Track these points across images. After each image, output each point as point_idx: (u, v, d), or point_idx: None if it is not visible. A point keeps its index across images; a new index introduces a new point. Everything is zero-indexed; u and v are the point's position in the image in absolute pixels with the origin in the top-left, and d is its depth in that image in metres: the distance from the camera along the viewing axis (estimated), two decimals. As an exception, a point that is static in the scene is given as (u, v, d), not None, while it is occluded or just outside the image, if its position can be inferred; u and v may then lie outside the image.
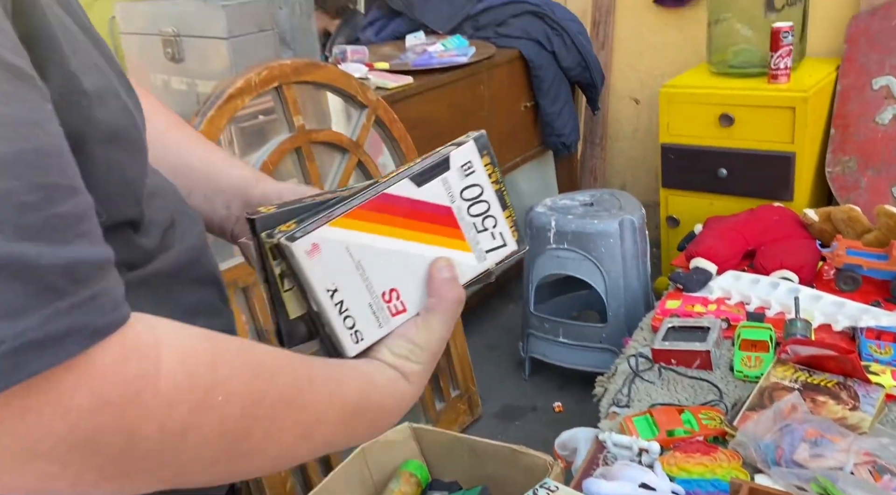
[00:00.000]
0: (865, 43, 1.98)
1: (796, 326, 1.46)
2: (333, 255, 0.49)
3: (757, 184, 2.04)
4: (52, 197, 0.32)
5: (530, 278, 2.03)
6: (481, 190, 0.53)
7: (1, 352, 0.30)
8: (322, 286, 0.49)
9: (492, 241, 0.54)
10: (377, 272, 0.51)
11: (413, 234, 0.52)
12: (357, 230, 0.50)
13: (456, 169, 0.52)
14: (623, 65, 2.69)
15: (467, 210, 0.53)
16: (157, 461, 0.36)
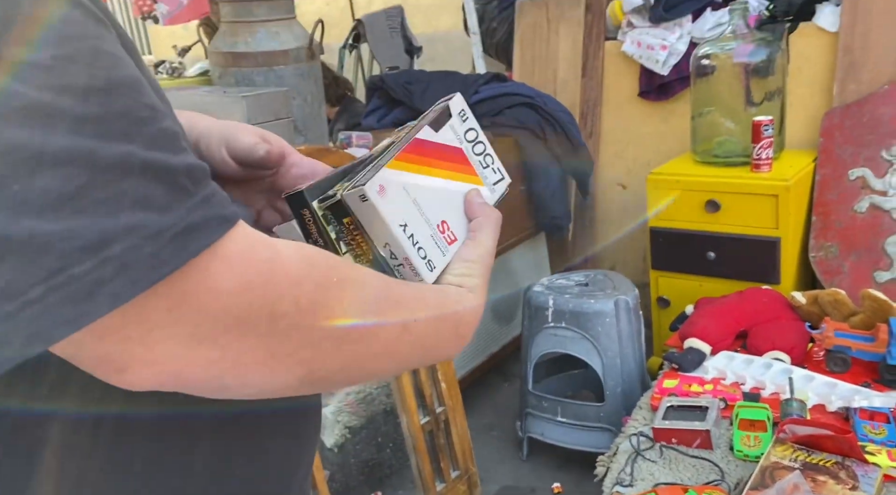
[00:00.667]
0: (840, 136, 2.12)
1: (792, 406, 1.50)
2: (396, 195, 0.54)
3: (745, 267, 2.11)
4: (156, 115, 0.37)
5: (529, 356, 2.06)
6: (476, 133, 0.61)
7: (166, 238, 0.34)
8: (396, 222, 0.54)
9: (494, 175, 0.62)
10: (430, 207, 0.56)
11: (444, 173, 0.59)
12: (406, 171, 0.56)
13: (456, 115, 0.60)
14: (610, 153, 2.82)
15: (472, 150, 0.61)
16: (298, 339, 0.41)
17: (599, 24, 2.74)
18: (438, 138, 0.59)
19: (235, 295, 0.38)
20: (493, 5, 3.04)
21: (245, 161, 0.60)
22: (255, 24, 1.72)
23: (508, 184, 0.63)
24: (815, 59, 2.29)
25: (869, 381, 1.64)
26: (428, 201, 0.57)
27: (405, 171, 0.56)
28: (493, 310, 2.45)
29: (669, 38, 2.51)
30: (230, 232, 0.38)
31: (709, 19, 2.46)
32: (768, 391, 1.65)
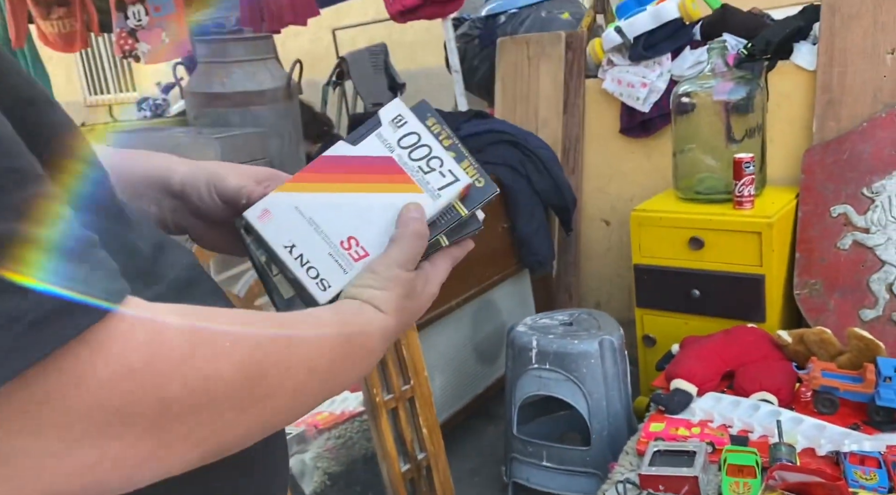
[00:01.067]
0: (821, 173, 2.12)
1: (781, 451, 1.46)
2: (284, 216, 0.56)
3: (730, 304, 2.09)
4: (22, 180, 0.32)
5: (513, 399, 2.01)
6: (418, 137, 0.59)
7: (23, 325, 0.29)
8: (279, 244, 0.56)
9: (442, 179, 0.58)
10: (331, 224, 0.56)
11: (361, 186, 0.57)
12: (304, 192, 0.56)
13: (387, 123, 0.59)
14: (593, 189, 2.81)
15: (409, 156, 0.58)
16: (193, 419, 0.36)
17: (580, 62, 2.75)
18: (357, 151, 0.58)
19: (112, 385, 0.33)
20: (474, 43, 3.06)
21: (231, 203, 0.61)
22: (231, 64, 1.71)
23: (466, 185, 0.59)
24: (794, 96, 2.31)
25: (858, 423, 1.60)
26: (330, 218, 0.56)
27: (303, 192, 0.56)
28: (476, 351, 2.40)
29: (650, 76, 2.52)
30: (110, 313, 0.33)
31: (688, 58, 2.47)
32: (757, 434, 1.62)
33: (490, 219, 2.55)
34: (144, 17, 3.00)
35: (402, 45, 6.79)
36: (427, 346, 2.13)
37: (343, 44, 5.94)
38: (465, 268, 2.47)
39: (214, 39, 1.73)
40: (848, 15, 2.11)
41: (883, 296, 1.97)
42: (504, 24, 3.02)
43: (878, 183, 2.01)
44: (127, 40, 3.00)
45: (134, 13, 3.01)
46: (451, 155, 0.59)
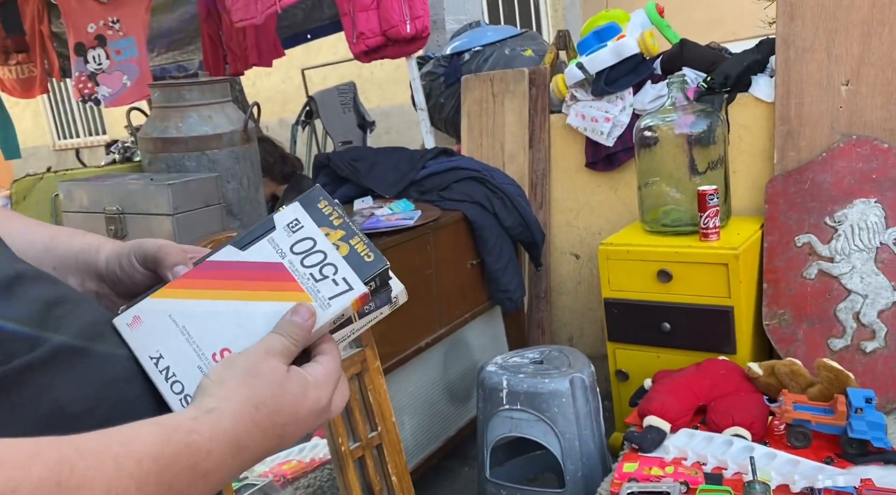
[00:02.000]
0: (784, 203, 2.13)
1: (755, 489, 1.43)
2: (156, 324, 0.52)
3: (700, 337, 2.08)
4: None
5: (485, 441, 1.96)
6: (313, 242, 0.56)
7: None
8: (145, 354, 0.51)
9: (334, 288, 0.55)
10: (206, 334, 0.52)
11: (246, 294, 0.54)
12: (181, 298, 0.53)
13: (282, 228, 0.56)
14: (562, 222, 2.81)
15: (301, 262, 0.55)
16: None
17: (544, 98, 2.77)
18: (244, 256, 0.55)
19: None
20: (440, 81, 3.07)
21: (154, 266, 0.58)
22: (186, 108, 1.68)
23: (361, 294, 0.55)
24: (755, 128, 2.33)
25: (832, 456, 1.58)
26: (205, 328, 0.52)
27: (181, 299, 0.53)
28: (448, 391, 2.36)
29: (612, 110, 2.54)
30: None
31: (649, 92, 2.50)
32: (730, 471, 1.59)
33: (459, 256, 2.53)
34: (105, 60, 2.98)
35: (373, 83, 6.84)
36: (396, 389, 2.08)
37: (314, 83, 5.97)
38: (435, 306, 2.42)
39: (169, 84, 1.70)
40: (802, 48, 2.15)
41: (850, 325, 1.97)
42: (468, 61, 3.04)
43: (839, 212, 2.03)
44: (87, 84, 2.96)
45: (94, 57, 2.98)
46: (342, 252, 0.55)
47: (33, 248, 0.60)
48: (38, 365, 0.43)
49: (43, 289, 0.49)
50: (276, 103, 7.38)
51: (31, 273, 0.49)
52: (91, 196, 1.59)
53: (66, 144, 9.44)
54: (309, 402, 0.49)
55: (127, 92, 2.97)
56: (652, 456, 1.69)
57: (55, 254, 0.60)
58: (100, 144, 7.79)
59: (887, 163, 2.00)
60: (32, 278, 0.49)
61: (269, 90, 7.41)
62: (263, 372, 0.47)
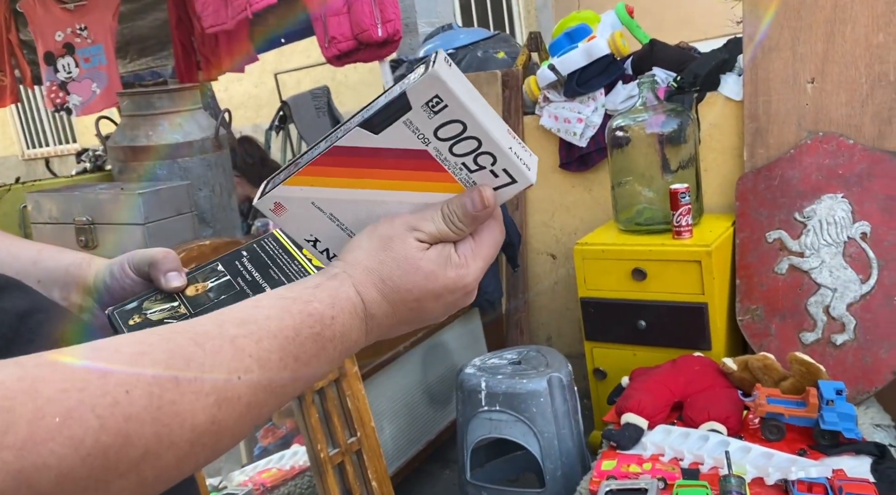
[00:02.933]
0: (754, 200, 2.16)
1: (731, 483, 1.45)
2: (301, 211, 0.48)
3: (675, 334, 2.10)
4: None
5: (465, 443, 1.97)
6: (462, 127, 0.45)
7: None
8: (301, 237, 0.49)
9: (494, 180, 0.47)
10: (358, 221, 0.48)
11: (390, 183, 0.46)
12: (318, 186, 0.47)
13: (419, 107, 0.44)
14: (538, 223, 2.83)
15: (449, 150, 0.46)
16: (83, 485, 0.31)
17: (517, 100, 2.78)
18: (379, 141, 0.45)
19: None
20: (413, 84, 3.07)
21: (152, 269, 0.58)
22: (156, 116, 1.66)
23: (528, 186, 0.49)
24: (724, 126, 2.37)
25: (805, 448, 1.61)
26: (354, 216, 0.48)
27: (317, 186, 0.47)
28: (428, 394, 2.36)
29: (584, 111, 2.56)
30: None
31: (621, 92, 2.52)
32: (707, 466, 1.61)
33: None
34: (74, 68, 2.94)
35: (347, 87, 6.82)
36: (375, 394, 2.07)
37: (288, 87, 5.94)
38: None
39: (138, 92, 1.69)
40: (768, 47, 2.19)
41: (821, 319, 2.00)
42: (441, 64, 3.04)
43: (808, 208, 2.06)
44: (58, 93, 2.92)
45: (64, 65, 2.94)
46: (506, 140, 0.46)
47: (18, 261, 0.59)
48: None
49: (16, 299, 0.48)
50: (249, 109, 7.33)
51: (4, 281, 0.49)
52: (60, 207, 1.57)
53: (36, 154, 9.30)
54: (449, 281, 0.47)
55: (96, 100, 2.93)
56: (630, 453, 1.70)
57: (42, 267, 0.59)
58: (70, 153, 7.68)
59: (853, 159, 2.04)
60: (4, 287, 0.48)
61: (242, 95, 7.36)
62: (395, 247, 0.45)
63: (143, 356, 0.34)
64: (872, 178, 2.00)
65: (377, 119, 0.45)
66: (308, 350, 0.41)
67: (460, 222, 0.46)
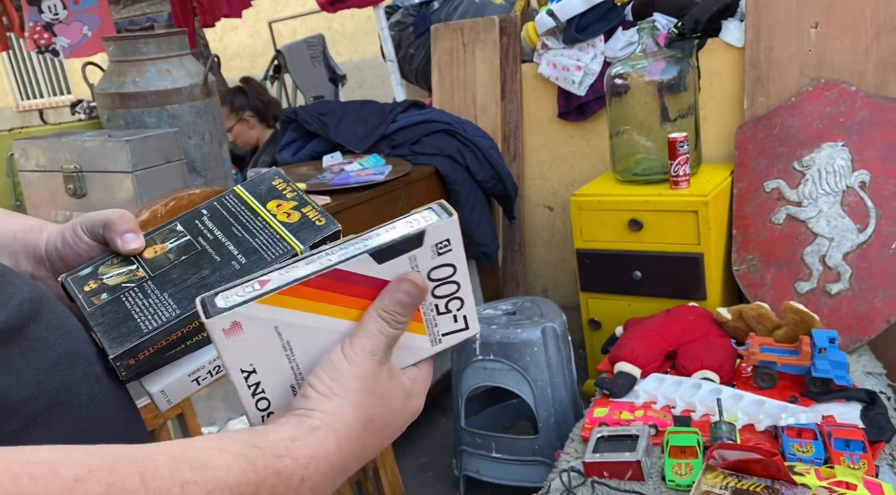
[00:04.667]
0: (753, 149, 2.13)
1: (721, 429, 1.46)
2: (258, 335, 0.43)
3: (670, 284, 2.10)
4: None
5: (459, 392, 1.99)
6: (453, 270, 0.46)
7: None
8: (237, 366, 0.44)
9: (452, 324, 0.48)
10: (309, 353, 0.45)
11: (360, 314, 0.45)
12: (293, 308, 0.44)
13: (429, 247, 0.45)
14: (535, 174, 2.80)
15: (432, 291, 0.46)
16: None
17: (515, 47, 2.72)
18: (378, 271, 0.45)
19: None
20: (409, 31, 3.01)
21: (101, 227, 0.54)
22: (143, 62, 1.63)
23: (472, 336, 0.49)
24: (725, 73, 2.32)
25: (796, 395, 1.62)
26: (310, 346, 0.45)
27: (292, 309, 0.44)
28: (423, 344, 2.37)
29: (584, 59, 2.50)
30: None
31: (620, 39, 2.47)
32: (699, 413, 1.62)
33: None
34: (62, 10, 2.87)
35: (343, 36, 6.69)
36: (370, 343, 2.08)
37: (283, 36, 5.82)
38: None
39: (124, 37, 1.65)
40: (772, -10, 2.13)
41: (816, 268, 2.00)
42: (438, 10, 2.97)
43: (807, 156, 2.03)
44: (42, 34, 2.85)
45: (49, 7, 2.86)
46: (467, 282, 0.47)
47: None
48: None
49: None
50: (244, 59, 7.20)
51: None
52: (47, 154, 1.54)
53: (30, 105, 9.19)
54: (408, 413, 0.46)
55: (87, 43, 2.87)
56: (623, 400, 1.72)
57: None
58: (65, 104, 7.59)
59: (854, 107, 2.00)
60: None
61: (236, 45, 7.23)
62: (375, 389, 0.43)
63: (80, 484, 0.31)
64: (874, 127, 1.97)
65: (390, 250, 0.45)
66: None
67: (403, 317, 0.45)
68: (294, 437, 0.40)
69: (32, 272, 0.56)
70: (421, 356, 0.48)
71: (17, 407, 0.40)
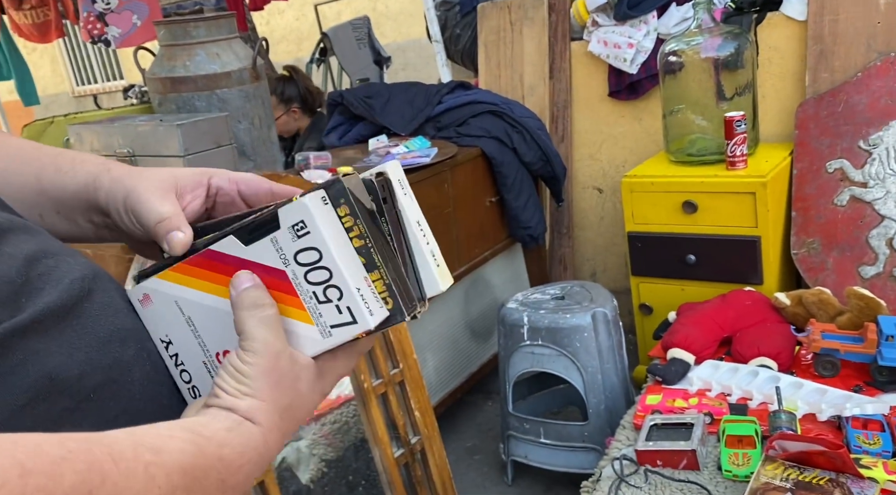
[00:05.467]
0: (815, 128, 2.04)
1: (781, 419, 1.41)
2: (164, 308, 0.48)
3: (726, 268, 2.04)
4: None
5: (507, 377, 1.97)
6: (319, 255, 0.45)
7: None
8: (157, 336, 0.48)
9: (338, 316, 0.46)
10: (209, 331, 0.48)
11: None
12: (185, 285, 0.47)
13: (286, 228, 0.45)
14: (584, 156, 2.74)
15: (304, 276, 0.46)
16: None
17: (564, 25, 2.66)
18: (247, 253, 0.46)
19: None
20: (455, 11, 2.96)
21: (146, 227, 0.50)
22: (193, 46, 1.63)
23: (365, 332, 0.46)
24: (785, 49, 2.22)
25: (860, 384, 1.56)
26: (208, 325, 0.47)
27: (185, 285, 0.47)
28: (470, 329, 2.36)
29: (636, 36, 2.43)
30: None
31: (674, 14, 2.38)
32: (756, 401, 1.57)
33: (477, 193, 2.48)
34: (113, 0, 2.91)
35: (388, 17, 6.66)
36: (417, 327, 2.08)
37: (328, 19, 5.83)
38: (453, 245, 2.39)
39: (174, 20, 1.66)
40: (838, -40, 2.02)
41: (883, 252, 1.91)
42: (485, -11, 2.91)
43: (874, 135, 1.94)
44: (95, 24, 2.90)
45: (102, -4, 2.91)
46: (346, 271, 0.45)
47: (23, 192, 0.54)
48: (24, 329, 0.40)
49: (22, 242, 0.45)
50: (290, 42, 7.24)
51: (8, 224, 0.45)
52: (101, 139, 1.57)
53: (85, 90, 9.43)
54: (317, 395, 0.47)
55: (137, 32, 2.91)
56: (676, 388, 1.68)
57: (49, 197, 0.54)
58: (118, 89, 7.76)
59: (927, 82, 1.89)
60: (9, 230, 0.45)
61: (283, 29, 7.27)
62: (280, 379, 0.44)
63: (64, 462, 0.33)
64: (948, 103, 1.86)
65: (248, 231, 0.46)
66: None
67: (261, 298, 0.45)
68: (229, 429, 0.42)
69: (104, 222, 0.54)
70: (315, 349, 0.47)
71: (70, 385, 0.41)
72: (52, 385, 0.40)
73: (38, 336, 0.41)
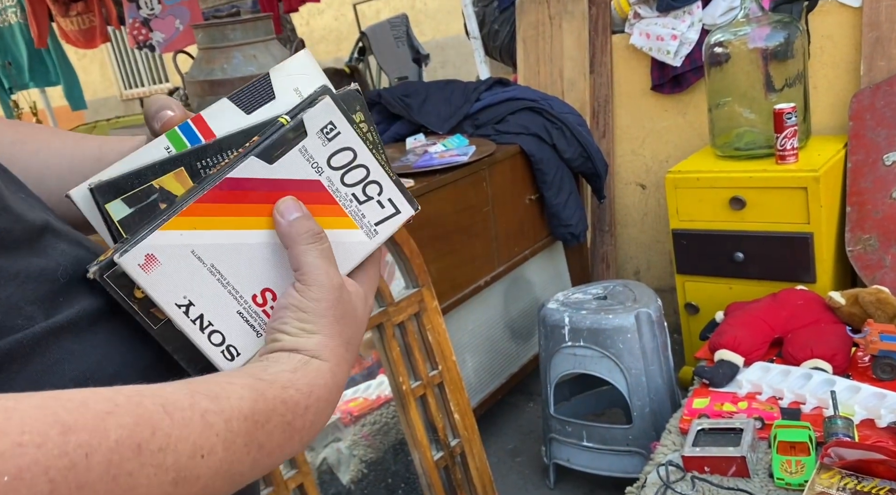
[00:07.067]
0: (871, 119, 1.95)
1: (837, 425, 1.35)
2: (177, 264, 0.42)
3: (776, 266, 1.96)
4: None
5: (548, 378, 1.93)
6: (354, 154, 0.45)
7: None
8: (170, 302, 0.42)
9: (381, 211, 0.46)
10: (239, 274, 0.43)
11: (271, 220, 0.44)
12: (201, 228, 0.42)
13: (314, 134, 0.44)
14: (626, 151, 2.68)
15: (341, 180, 0.45)
16: None
17: (605, 17, 2.60)
18: (274, 172, 0.43)
19: None
20: (493, 6, 2.93)
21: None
22: (230, 48, 1.64)
23: (411, 216, 0.47)
24: (838, 37, 2.13)
25: (922, 389, 1.48)
26: (238, 265, 0.43)
27: (201, 229, 0.42)
28: (510, 329, 2.33)
29: (680, 27, 2.36)
30: None
31: (720, 4, 2.31)
32: (809, 406, 1.51)
33: (517, 191, 2.43)
34: (157, 5, 2.96)
35: (426, 15, 6.64)
36: (456, 328, 2.06)
37: (367, 18, 5.84)
38: (493, 244, 2.35)
39: (212, 24, 1.66)
40: (895, -58, 1.93)
41: (946, 249, 1.81)
42: (523, -16, 2.87)
43: (936, 125, 1.84)
44: (140, 30, 2.96)
45: (146, 2, 2.96)
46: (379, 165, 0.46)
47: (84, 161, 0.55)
48: (60, 329, 0.40)
49: (76, 248, 0.45)
50: (329, 43, 7.28)
51: (58, 225, 0.46)
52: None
53: (133, 94, 9.65)
54: (367, 317, 0.47)
55: (180, 36, 2.96)
56: (724, 391, 1.62)
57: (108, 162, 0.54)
58: (163, 93, 7.92)
59: None
60: (58, 231, 0.45)
61: (322, 29, 7.32)
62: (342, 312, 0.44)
63: (110, 416, 0.31)
64: None
65: (276, 146, 0.43)
66: (275, 439, 0.38)
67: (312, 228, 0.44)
68: (294, 370, 0.41)
69: None
70: (364, 251, 0.46)
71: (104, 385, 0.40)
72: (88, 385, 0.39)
73: (75, 336, 0.41)
